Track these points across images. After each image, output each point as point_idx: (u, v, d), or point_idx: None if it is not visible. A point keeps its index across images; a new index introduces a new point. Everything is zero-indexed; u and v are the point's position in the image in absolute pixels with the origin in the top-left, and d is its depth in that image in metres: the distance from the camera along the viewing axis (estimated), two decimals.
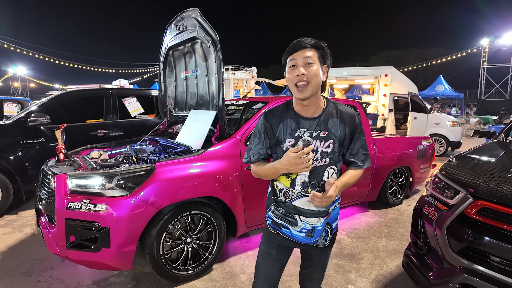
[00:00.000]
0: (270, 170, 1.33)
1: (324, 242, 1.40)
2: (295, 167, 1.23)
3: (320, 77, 1.27)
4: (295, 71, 1.25)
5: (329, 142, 1.30)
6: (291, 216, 1.36)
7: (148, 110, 5.05)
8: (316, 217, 1.34)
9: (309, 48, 1.25)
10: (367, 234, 3.41)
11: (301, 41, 1.27)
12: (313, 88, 1.26)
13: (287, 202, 1.36)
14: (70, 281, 2.48)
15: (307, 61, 1.24)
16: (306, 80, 1.24)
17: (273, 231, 1.44)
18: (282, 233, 1.41)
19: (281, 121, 1.35)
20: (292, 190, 1.34)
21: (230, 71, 12.84)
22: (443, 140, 8.30)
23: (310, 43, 1.26)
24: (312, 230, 1.36)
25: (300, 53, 1.25)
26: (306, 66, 1.24)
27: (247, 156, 1.44)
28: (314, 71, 1.25)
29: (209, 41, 2.80)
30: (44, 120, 3.91)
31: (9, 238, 3.27)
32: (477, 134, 3.56)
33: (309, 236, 1.36)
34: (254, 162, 1.42)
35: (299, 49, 1.25)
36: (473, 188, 1.71)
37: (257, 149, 1.40)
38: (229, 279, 2.51)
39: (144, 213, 2.15)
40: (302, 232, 1.36)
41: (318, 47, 1.27)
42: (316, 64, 1.25)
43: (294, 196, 1.34)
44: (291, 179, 1.33)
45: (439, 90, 21.45)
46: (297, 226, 1.36)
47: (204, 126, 2.89)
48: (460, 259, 1.63)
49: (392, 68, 8.66)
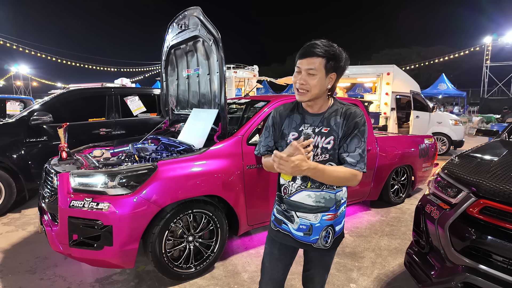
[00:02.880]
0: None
1: (325, 244, 1.38)
2: None
3: (321, 87, 1.27)
4: (298, 77, 1.29)
5: (330, 139, 1.31)
6: (289, 212, 1.40)
7: (150, 109, 5.06)
8: (314, 213, 1.35)
9: (316, 57, 1.24)
10: (369, 233, 3.40)
11: (311, 47, 1.25)
12: (312, 96, 1.29)
13: (285, 198, 1.40)
14: (73, 278, 2.49)
15: (310, 72, 1.25)
16: (306, 89, 1.27)
17: (274, 228, 1.47)
18: (283, 229, 1.43)
19: (288, 116, 1.41)
20: (292, 184, 1.36)
21: (232, 70, 12.83)
22: (446, 139, 8.28)
23: (320, 52, 1.23)
24: (310, 228, 1.36)
25: (306, 61, 1.25)
26: (308, 76, 1.26)
27: (258, 149, 1.49)
28: (315, 83, 1.26)
29: (211, 40, 2.80)
30: (46, 119, 3.92)
31: (13, 236, 3.29)
32: (479, 133, 3.55)
33: (308, 235, 1.37)
34: (264, 154, 1.47)
35: (307, 56, 1.25)
36: (475, 187, 1.71)
37: (266, 141, 1.45)
38: (231, 277, 2.52)
39: (146, 212, 2.16)
40: (300, 231, 1.37)
41: (328, 56, 1.24)
42: (318, 75, 1.25)
43: (294, 191, 1.36)
44: None
45: (442, 89, 21.35)
46: (294, 223, 1.38)
47: (206, 124, 2.90)
48: (462, 258, 1.63)
49: (394, 66, 8.63)
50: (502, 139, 2.67)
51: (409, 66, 28.59)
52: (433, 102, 16.40)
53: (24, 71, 37.17)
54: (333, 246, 1.42)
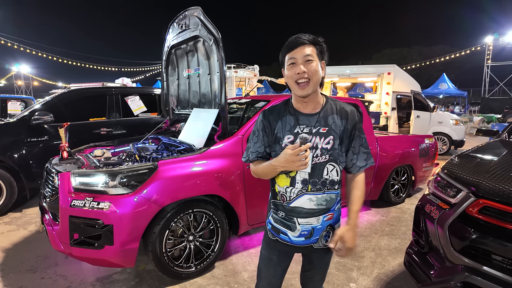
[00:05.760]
0: (268, 168, 1.30)
1: (324, 243, 1.36)
2: (291, 165, 1.21)
3: (320, 73, 1.26)
4: (295, 69, 1.23)
5: (329, 139, 1.28)
6: (290, 220, 1.33)
7: (150, 109, 5.06)
8: (316, 216, 1.31)
9: (307, 44, 1.23)
10: (369, 233, 3.41)
11: (299, 37, 1.24)
12: (314, 85, 1.25)
13: (285, 205, 1.33)
14: (74, 278, 2.50)
15: (307, 58, 1.22)
16: (307, 77, 1.22)
17: (272, 238, 1.41)
18: (281, 239, 1.37)
19: (279, 118, 1.33)
20: (292, 189, 1.30)
21: (233, 69, 12.83)
22: (446, 139, 8.27)
23: (309, 39, 1.24)
24: (312, 232, 1.32)
25: (299, 50, 1.23)
26: (306, 63, 1.23)
27: (246, 155, 1.42)
28: (314, 67, 1.23)
29: (211, 40, 2.80)
30: (47, 119, 3.93)
31: (14, 235, 3.30)
32: (480, 133, 3.55)
33: (308, 238, 1.34)
34: (253, 161, 1.39)
35: (298, 46, 1.23)
36: (475, 186, 1.71)
37: (256, 147, 1.37)
38: (231, 277, 2.52)
39: (147, 211, 2.17)
40: (301, 236, 1.33)
41: (316, 43, 1.25)
42: (315, 60, 1.24)
43: (294, 196, 1.30)
44: (291, 178, 1.29)
45: (443, 88, 21.30)
46: (296, 231, 1.32)
47: (207, 124, 2.90)
48: (461, 257, 1.63)
49: (395, 66, 8.62)
50: (502, 139, 2.67)
51: (410, 65, 28.55)
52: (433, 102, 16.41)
53: (25, 70, 37.21)
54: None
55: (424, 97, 8.56)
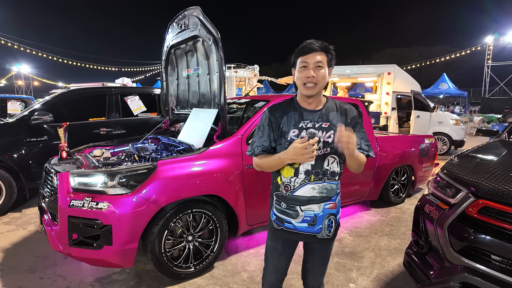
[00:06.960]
0: (276, 161, 1.39)
1: (328, 234, 1.46)
2: (300, 157, 1.30)
3: (326, 79, 1.40)
4: (306, 72, 1.36)
5: (330, 133, 1.39)
6: (292, 208, 1.43)
7: (150, 109, 5.06)
8: (318, 203, 1.41)
9: (320, 51, 1.35)
10: (369, 233, 3.40)
11: (312, 44, 1.36)
12: (320, 88, 1.39)
13: (288, 195, 1.43)
14: (72, 278, 2.50)
15: (318, 65, 1.35)
16: (315, 82, 1.36)
17: (277, 227, 1.50)
18: (286, 228, 1.47)
19: (285, 114, 1.44)
20: (296, 179, 1.40)
21: (233, 69, 12.82)
22: (446, 139, 8.26)
23: (321, 47, 1.36)
24: (314, 219, 1.42)
25: (312, 56, 1.35)
26: (316, 69, 1.35)
27: (251, 149, 1.50)
28: (323, 74, 1.36)
29: (211, 40, 2.80)
30: (47, 118, 3.93)
31: (13, 235, 3.30)
32: (479, 133, 3.54)
33: (312, 225, 1.43)
34: (258, 154, 1.48)
35: (311, 52, 1.35)
36: (474, 187, 1.71)
37: (261, 141, 1.46)
38: (230, 277, 2.52)
39: (146, 211, 2.16)
40: (304, 222, 1.42)
41: (327, 51, 1.38)
42: (325, 67, 1.37)
43: (297, 186, 1.40)
44: (295, 169, 1.41)
45: (443, 88, 21.29)
46: (298, 217, 1.43)
47: (206, 124, 2.90)
48: (461, 258, 1.63)
49: (395, 66, 8.61)
50: (502, 139, 2.66)
51: (410, 65, 28.50)
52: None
53: (26, 70, 37.19)
54: (334, 235, 1.51)
55: (424, 97, 8.55)
